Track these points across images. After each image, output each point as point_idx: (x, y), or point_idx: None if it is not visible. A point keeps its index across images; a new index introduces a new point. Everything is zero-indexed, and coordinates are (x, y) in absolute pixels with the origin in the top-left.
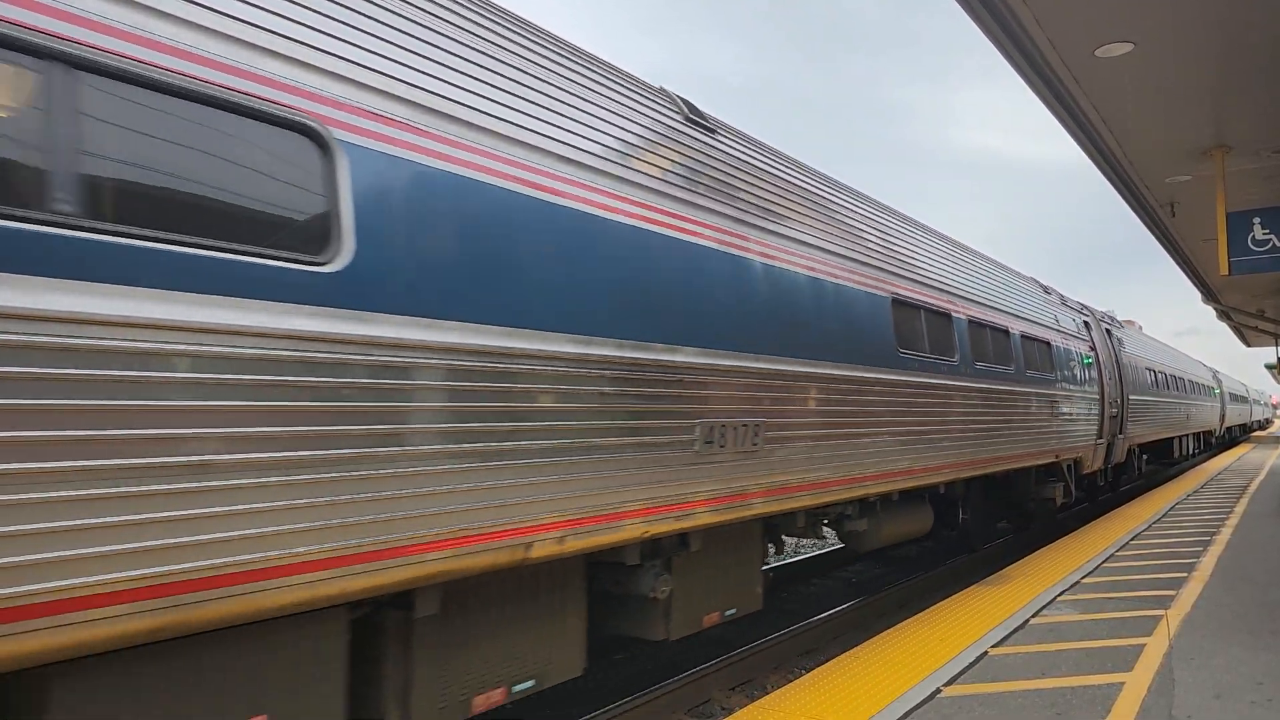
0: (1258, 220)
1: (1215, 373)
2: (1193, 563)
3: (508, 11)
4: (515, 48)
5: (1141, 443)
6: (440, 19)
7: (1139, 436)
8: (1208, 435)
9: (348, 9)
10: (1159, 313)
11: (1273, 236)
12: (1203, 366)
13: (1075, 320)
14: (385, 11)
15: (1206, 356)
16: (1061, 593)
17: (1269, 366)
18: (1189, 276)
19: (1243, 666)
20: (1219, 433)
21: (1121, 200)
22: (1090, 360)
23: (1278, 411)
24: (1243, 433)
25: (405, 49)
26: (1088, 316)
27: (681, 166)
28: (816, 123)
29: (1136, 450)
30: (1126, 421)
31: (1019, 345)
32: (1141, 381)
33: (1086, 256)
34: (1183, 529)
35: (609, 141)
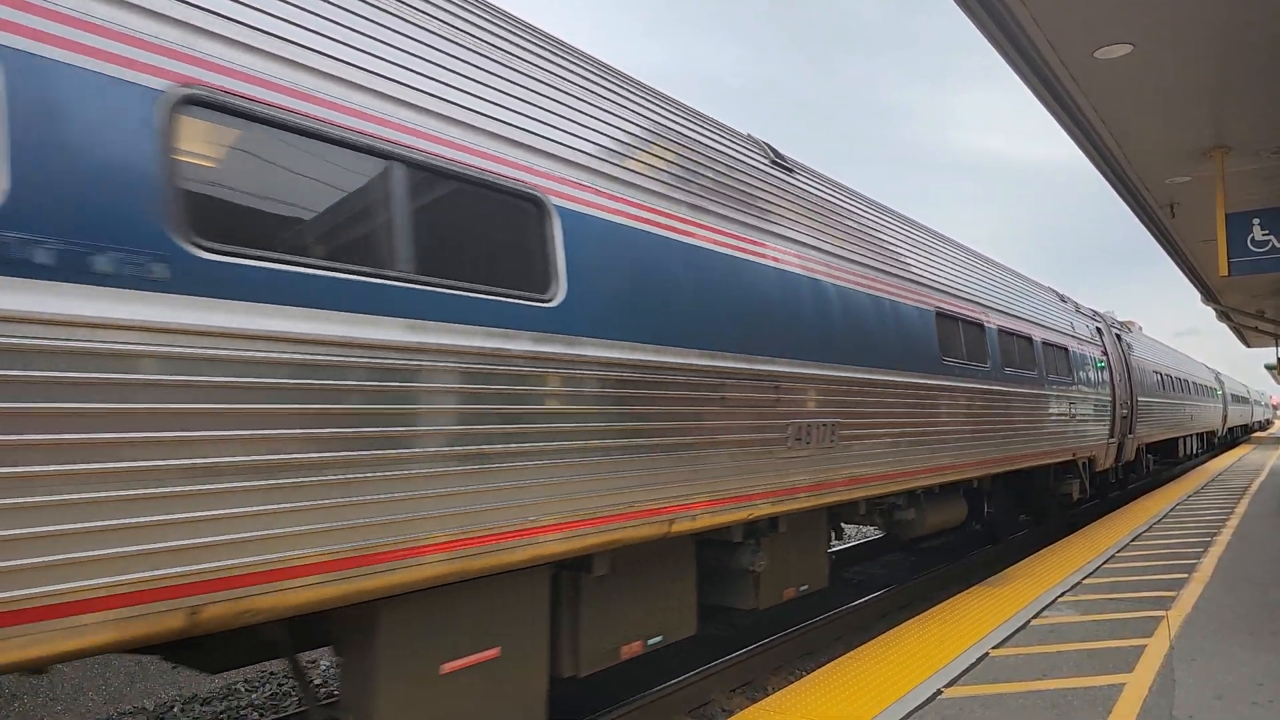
0: (1257, 221)
1: (1217, 374)
2: (1194, 563)
3: (654, 90)
4: (658, 118)
5: (1149, 442)
6: (609, 112)
7: (1147, 436)
8: (1210, 435)
9: (559, 114)
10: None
11: (1272, 237)
12: (1205, 368)
13: (1089, 327)
14: (575, 111)
15: (1206, 357)
16: (1062, 594)
17: (1269, 367)
18: (1189, 277)
19: (1243, 667)
20: (1221, 433)
21: (1121, 201)
22: (1103, 364)
23: (1278, 412)
24: (1244, 433)
25: (593, 130)
26: (1099, 323)
27: (771, 203)
28: (817, 124)
29: (1144, 449)
30: (1135, 422)
31: (1041, 351)
32: (1149, 384)
33: (1086, 257)
34: (1183, 530)
35: (721, 188)
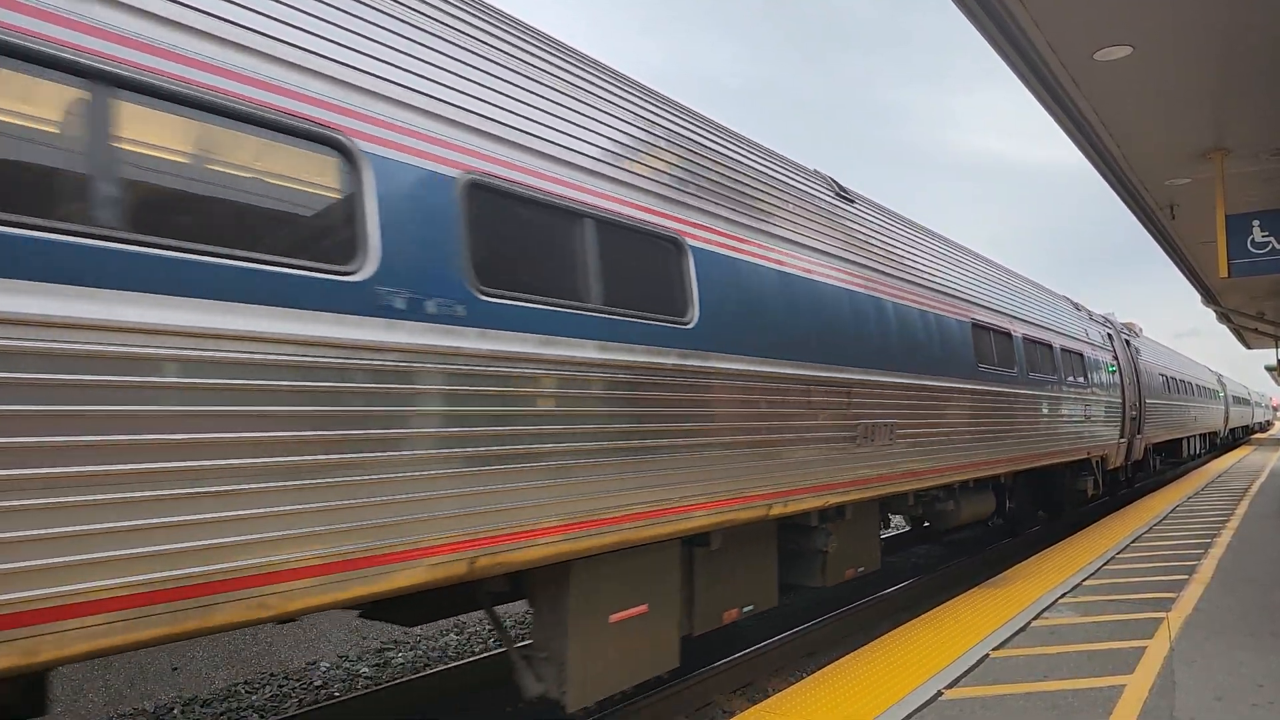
0: (1257, 222)
1: (1219, 376)
2: (1194, 564)
3: (749, 140)
4: (754, 163)
5: (1155, 442)
6: (721, 164)
7: (1154, 436)
8: (1213, 436)
9: (692, 170)
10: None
11: (1272, 239)
12: (1208, 371)
13: (1100, 333)
14: (701, 166)
15: (1207, 358)
16: (1063, 595)
17: (1269, 368)
18: (1189, 279)
19: (1244, 668)
20: (1223, 433)
21: (1121, 202)
22: (1114, 369)
23: (1278, 414)
24: (1244, 434)
25: (712, 180)
26: (1110, 329)
27: (839, 232)
28: (816, 124)
29: (1151, 449)
30: (1143, 423)
31: (1060, 357)
32: (1155, 386)
33: (1086, 258)
34: (1184, 531)
35: (801, 220)
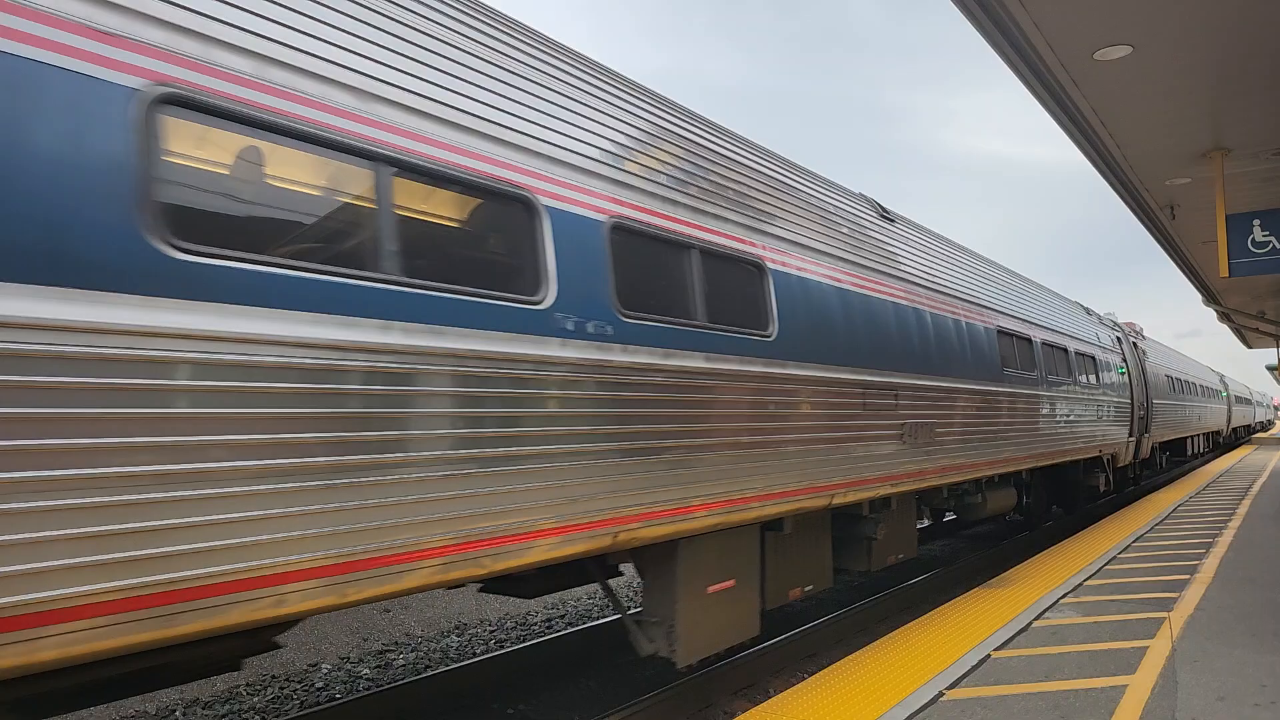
0: (1257, 222)
1: (1221, 376)
2: (1195, 565)
3: (809, 170)
4: (812, 192)
5: (1162, 441)
6: (789, 196)
7: (1160, 435)
8: (1216, 435)
9: (772, 203)
10: (1159, 315)
11: (1272, 238)
12: (1211, 372)
13: (1110, 336)
14: (777, 197)
15: (1208, 358)
16: (1064, 595)
17: (1270, 368)
18: (1190, 279)
19: (1246, 669)
20: (1226, 433)
21: (1122, 203)
22: (1123, 370)
23: (1279, 413)
24: (1245, 433)
25: (782, 209)
26: (1119, 332)
27: (883, 249)
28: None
29: (1158, 447)
30: (1151, 422)
31: (1075, 360)
32: (1161, 387)
33: (1086, 258)
34: (1185, 531)
35: (854, 240)
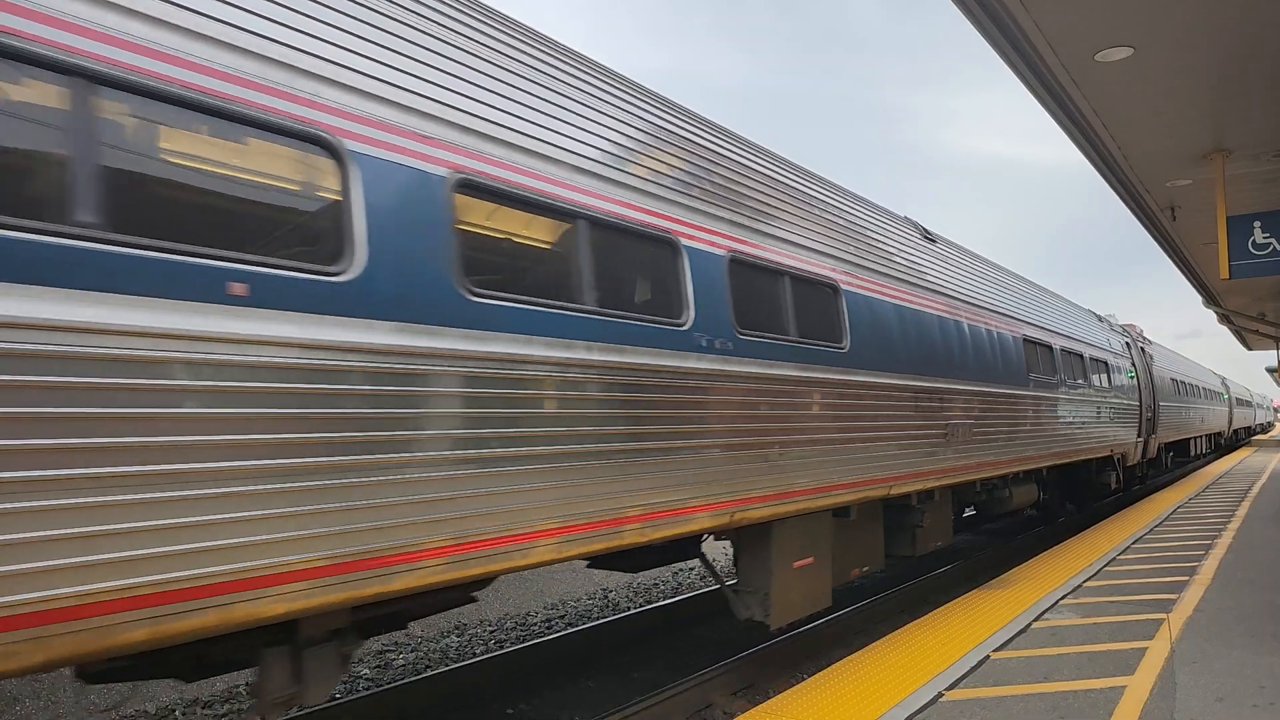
0: (1258, 224)
1: (1223, 379)
2: (1195, 566)
3: (869, 201)
4: (873, 220)
5: (1167, 441)
6: (858, 224)
7: (1165, 436)
8: (1218, 436)
9: (844, 234)
10: (1160, 315)
11: (1273, 240)
12: (1213, 375)
13: (1120, 342)
14: (848, 226)
15: (1208, 359)
16: (1063, 596)
17: (1270, 370)
18: (1190, 280)
19: (1245, 670)
20: (1227, 434)
21: (1122, 204)
22: (1132, 374)
23: (1279, 415)
24: (1246, 434)
25: (850, 238)
26: (1128, 338)
27: (929, 268)
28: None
29: (1164, 448)
30: (1157, 424)
31: (1089, 365)
32: (1166, 390)
33: (1086, 258)
34: (1185, 532)
35: (902, 260)
